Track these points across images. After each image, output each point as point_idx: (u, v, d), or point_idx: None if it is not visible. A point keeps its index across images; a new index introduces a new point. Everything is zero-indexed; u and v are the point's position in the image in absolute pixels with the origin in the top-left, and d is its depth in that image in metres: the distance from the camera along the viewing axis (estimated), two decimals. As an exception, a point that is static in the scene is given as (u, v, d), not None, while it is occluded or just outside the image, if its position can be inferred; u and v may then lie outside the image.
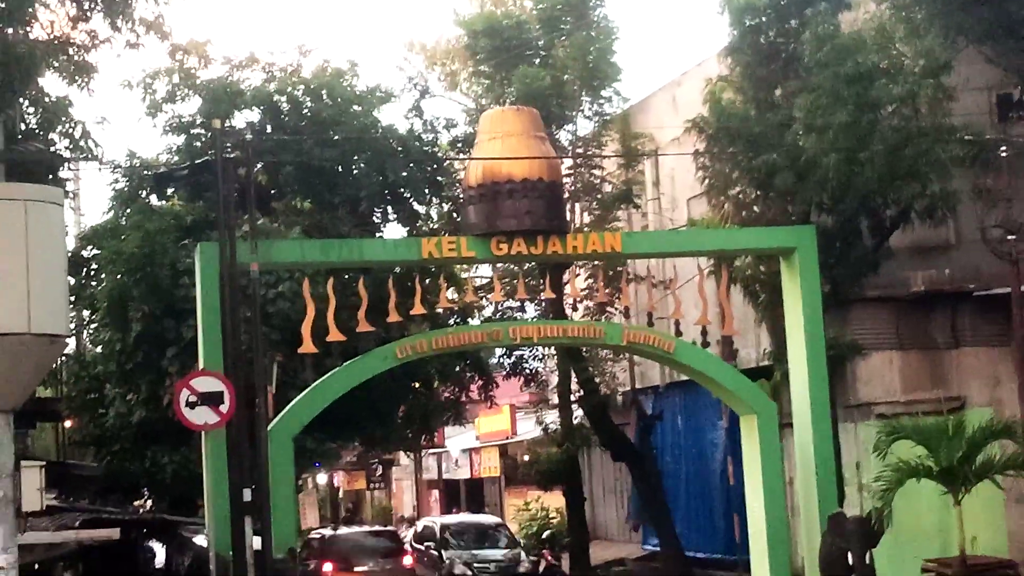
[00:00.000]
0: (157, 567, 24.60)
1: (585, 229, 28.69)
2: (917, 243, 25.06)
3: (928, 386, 25.22)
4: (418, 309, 22.24)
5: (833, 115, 21.74)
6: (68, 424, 32.18)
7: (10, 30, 14.32)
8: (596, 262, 28.03)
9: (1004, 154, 23.60)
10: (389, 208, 30.80)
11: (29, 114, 17.72)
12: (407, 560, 27.87)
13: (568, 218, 26.18)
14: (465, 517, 35.95)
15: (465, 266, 29.91)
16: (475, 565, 29.84)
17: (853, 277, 23.90)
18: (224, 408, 18.03)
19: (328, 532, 30.36)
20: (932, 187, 22.23)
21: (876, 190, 22.32)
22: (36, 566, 20.43)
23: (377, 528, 34.77)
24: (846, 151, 21.70)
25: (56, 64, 15.81)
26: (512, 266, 29.50)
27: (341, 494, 69.91)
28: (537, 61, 29.80)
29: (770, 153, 22.96)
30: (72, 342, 30.67)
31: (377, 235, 29.85)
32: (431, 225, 31.47)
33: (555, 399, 34.04)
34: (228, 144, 20.33)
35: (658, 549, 31.26)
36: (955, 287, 25.28)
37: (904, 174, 22.10)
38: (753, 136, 23.46)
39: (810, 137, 22.09)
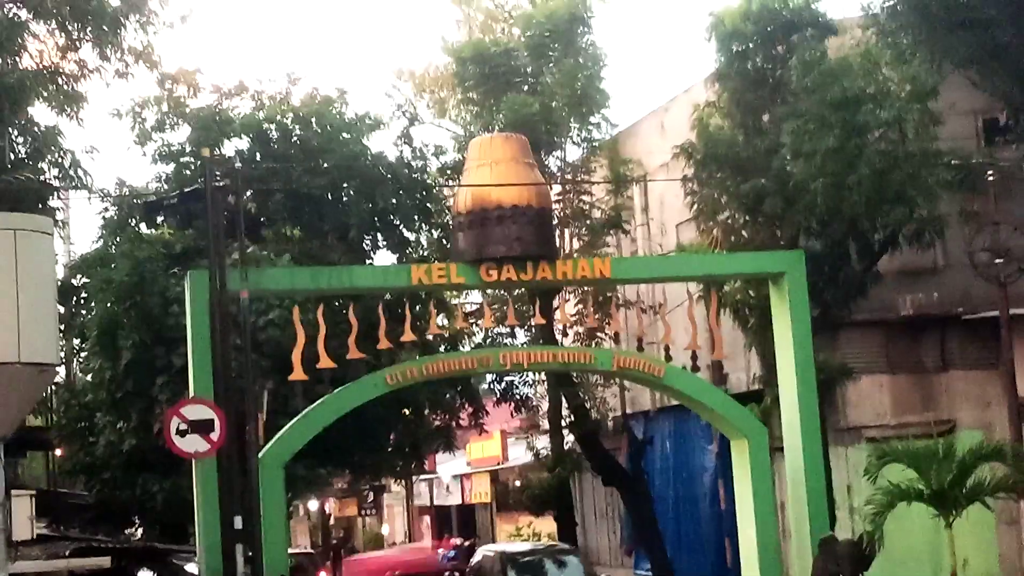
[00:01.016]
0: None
1: (574, 255, 28.74)
2: (905, 267, 25.15)
3: (918, 409, 25.30)
4: (408, 336, 22.24)
5: (820, 140, 21.83)
6: (58, 452, 32.11)
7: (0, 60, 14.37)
8: (586, 288, 28.08)
9: (991, 178, 23.74)
10: (379, 235, 30.84)
11: (19, 143, 17.77)
12: None
13: (557, 244, 26.22)
14: (531, 546, 29.86)
15: (455, 292, 29.95)
16: None
17: (842, 301, 23.96)
18: (215, 436, 18.02)
19: None
20: (920, 211, 22.31)
21: (864, 214, 22.39)
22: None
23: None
24: (834, 176, 21.78)
25: (45, 94, 15.86)
26: (502, 292, 29.52)
27: (332, 521, 69.79)
28: (525, 88, 29.87)
29: (758, 178, 23.04)
30: (62, 371, 30.67)
31: (367, 262, 29.88)
32: (421, 252, 31.50)
33: (546, 424, 34.06)
34: (217, 172, 20.38)
35: (650, 574, 31.22)
36: (943, 310, 25.38)
37: (892, 198, 22.17)
38: (741, 161, 23.54)
39: (798, 162, 22.18)
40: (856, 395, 25.28)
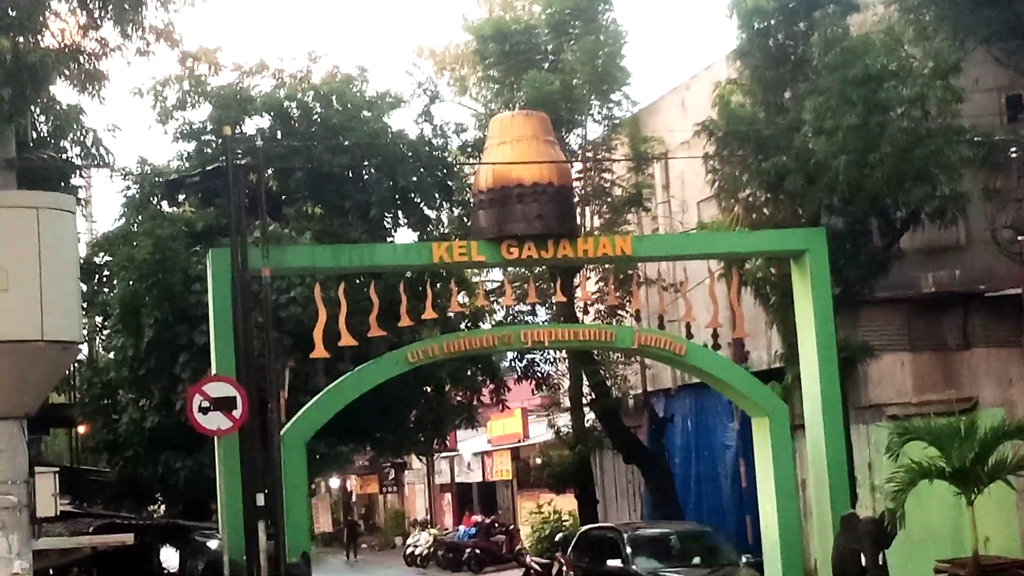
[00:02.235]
0: (171, 571, 24.64)
1: (595, 233, 28.72)
2: (927, 244, 25.06)
3: (940, 387, 25.23)
4: (429, 313, 22.29)
5: (842, 117, 21.75)
6: (81, 430, 32.28)
7: (21, 39, 14.38)
8: (607, 265, 28.06)
9: (1014, 155, 23.63)
10: (400, 213, 30.86)
11: (41, 122, 17.81)
12: None
13: (578, 222, 26.21)
14: (661, 526, 25.50)
15: (476, 270, 29.96)
16: None
17: (864, 279, 23.91)
18: (237, 413, 18.10)
19: None
20: (942, 188, 22.22)
21: (886, 192, 22.32)
22: (51, 571, 20.48)
23: None
24: (855, 153, 21.71)
25: (67, 72, 15.86)
26: (523, 270, 29.53)
27: (354, 498, 70.05)
28: (546, 66, 29.85)
29: (779, 156, 22.97)
30: (84, 348, 30.78)
31: (388, 240, 29.91)
32: (442, 230, 31.52)
33: (567, 402, 34.06)
34: (239, 150, 20.42)
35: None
36: (966, 288, 25.29)
37: (914, 176, 22.10)
38: (762, 139, 23.48)
39: (819, 139, 22.11)
40: (877, 373, 25.22)
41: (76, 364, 29.56)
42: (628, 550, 22.57)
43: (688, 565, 22.51)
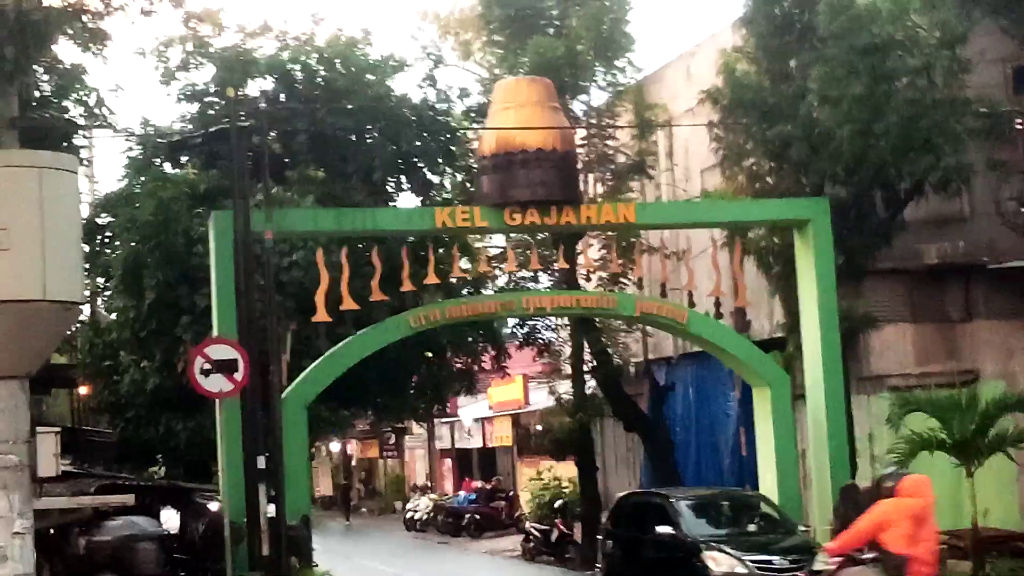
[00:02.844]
0: (171, 533, 24.71)
1: (598, 200, 28.67)
2: (931, 216, 25.00)
3: (941, 359, 25.23)
4: (432, 279, 22.29)
5: (847, 87, 21.68)
6: (83, 391, 32.32)
7: (24, -3, 14.32)
8: (609, 233, 28.02)
9: (1019, 126, 23.55)
10: (403, 177, 30.81)
11: (44, 81, 17.77)
12: None
13: (581, 189, 26.15)
14: (711, 492, 24.44)
15: (479, 236, 29.93)
16: (754, 567, 19.87)
17: (867, 249, 23.87)
18: (238, 376, 18.10)
19: None
20: (946, 159, 22.16)
21: (890, 162, 22.26)
22: (52, 531, 20.54)
23: None
24: (860, 123, 21.64)
25: (70, 31, 15.80)
26: (525, 236, 29.50)
27: (354, 462, 70.21)
28: (551, 31, 29.74)
29: (784, 124, 22.90)
30: (87, 309, 30.79)
31: (390, 204, 29.87)
32: (444, 195, 31.47)
33: (568, 369, 34.07)
34: (242, 113, 20.37)
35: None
36: (969, 260, 25.26)
37: (918, 146, 22.03)
38: (767, 107, 23.39)
39: (824, 109, 22.04)
40: (879, 344, 25.21)
41: (78, 325, 29.59)
42: (679, 516, 21.11)
43: (744, 532, 21.22)
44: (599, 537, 23.72)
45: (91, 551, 8.04)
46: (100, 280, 30.31)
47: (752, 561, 19.67)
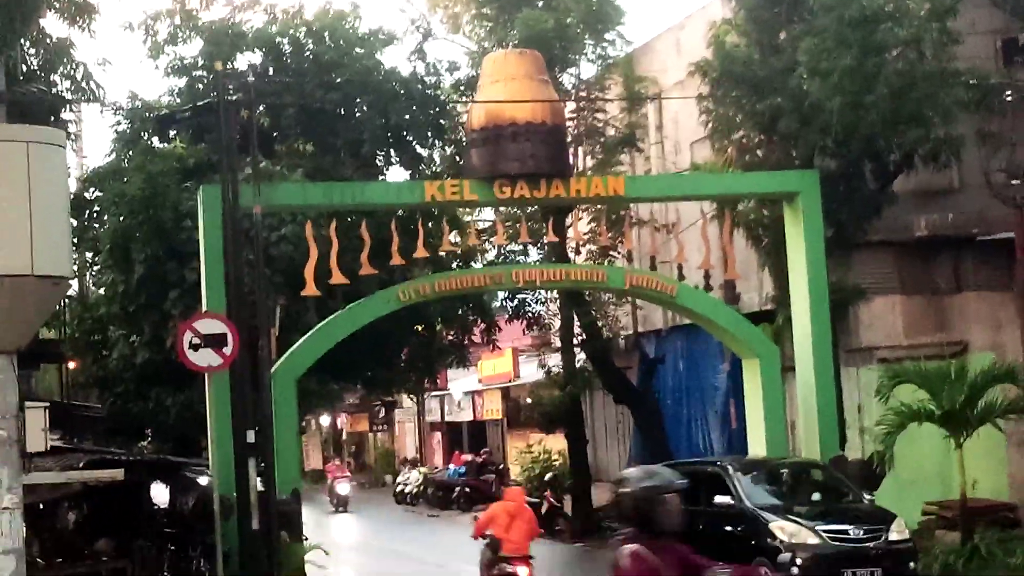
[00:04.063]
0: (161, 507, 24.70)
1: (588, 173, 28.64)
2: (921, 188, 25.00)
3: (931, 330, 25.27)
4: (421, 252, 22.27)
5: (837, 59, 21.64)
6: (72, 365, 32.28)
7: (10, -30, 14.24)
8: (599, 206, 28.01)
9: (1009, 99, 23.51)
10: (392, 151, 30.75)
11: (31, 55, 17.66)
12: None
13: (571, 162, 26.11)
14: (769, 459, 21.81)
15: (468, 209, 29.89)
16: (827, 537, 18.36)
17: (856, 221, 23.87)
18: (227, 350, 18.06)
19: None
20: (936, 131, 22.16)
21: (880, 134, 22.26)
22: (41, 506, 20.52)
23: None
24: (850, 95, 21.61)
25: (57, 5, 15.74)
26: (515, 209, 29.47)
27: (344, 436, 70.25)
28: (540, 4, 29.62)
29: (774, 97, 22.88)
30: (75, 284, 30.72)
31: (380, 178, 29.80)
32: (434, 168, 31.42)
33: (557, 342, 34.10)
34: (230, 86, 20.28)
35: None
36: (958, 232, 25.28)
37: (908, 118, 22.02)
38: (757, 80, 23.36)
39: (814, 81, 22.01)
40: (869, 315, 25.24)
41: (66, 300, 29.54)
42: (738, 486, 19.60)
43: (808, 502, 19.71)
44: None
45: (617, 503, 7.87)
46: (88, 255, 30.24)
47: (824, 530, 18.34)
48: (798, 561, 17.98)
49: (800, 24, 23.28)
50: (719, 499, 19.37)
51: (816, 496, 20.07)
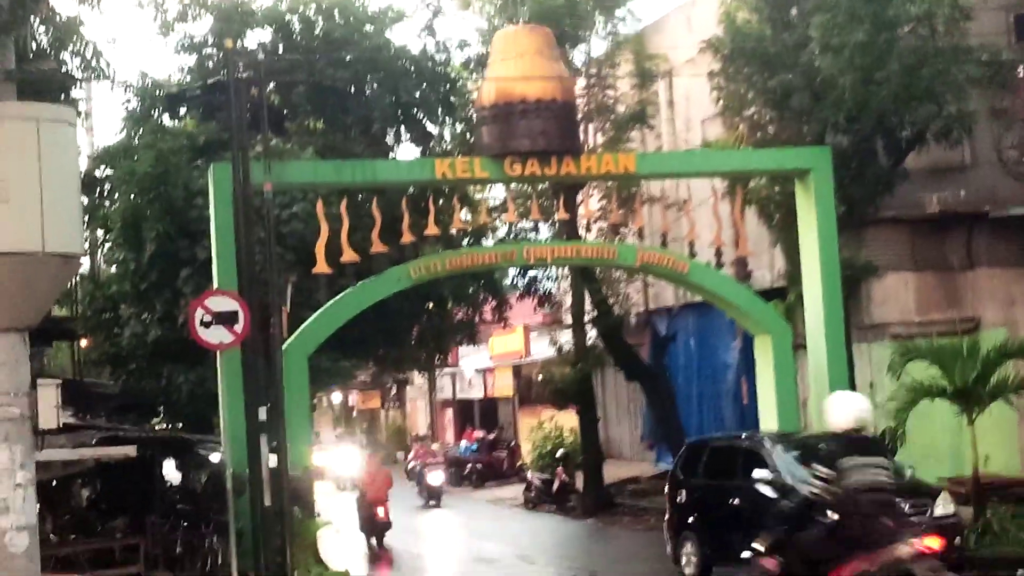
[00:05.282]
0: (173, 484, 24.77)
1: (599, 150, 28.60)
2: (933, 164, 24.94)
3: (943, 307, 25.24)
4: (432, 230, 22.26)
5: (849, 34, 21.58)
6: (84, 343, 32.31)
7: (20, -53, 14.20)
8: (610, 183, 27.98)
9: (1021, 75, 23.44)
10: (402, 128, 30.70)
11: (40, 33, 17.62)
12: None
13: (582, 139, 26.07)
14: (802, 433, 21.53)
15: (479, 187, 29.85)
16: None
17: (868, 198, 23.84)
18: (239, 327, 18.07)
19: None
20: (948, 108, 22.10)
21: (892, 110, 22.20)
22: (54, 483, 20.59)
23: None
24: (862, 71, 21.55)
25: (67, -18, 15.73)
26: (526, 187, 29.45)
27: (355, 413, 70.38)
28: (551, -21, 29.54)
29: (785, 73, 22.83)
30: (86, 262, 30.74)
31: (390, 156, 29.78)
32: (444, 146, 31.37)
33: (569, 319, 34.11)
34: (240, 64, 20.25)
35: (671, 467, 31.42)
36: (970, 208, 25.22)
37: (920, 95, 21.97)
38: (768, 56, 23.30)
39: (826, 57, 21.94)
40: (881, 292, 25.21)
41: (78, 278, 29.54)
42: (776, 460, 18.86)
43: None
44: (666, 489, 21.56)
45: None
46: (99, 233, 30.24)
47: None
48: None
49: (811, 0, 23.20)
50: (757, 473, 18.38)
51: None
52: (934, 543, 10.81)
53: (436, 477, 37.15)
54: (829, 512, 10.98)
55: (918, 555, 10.51)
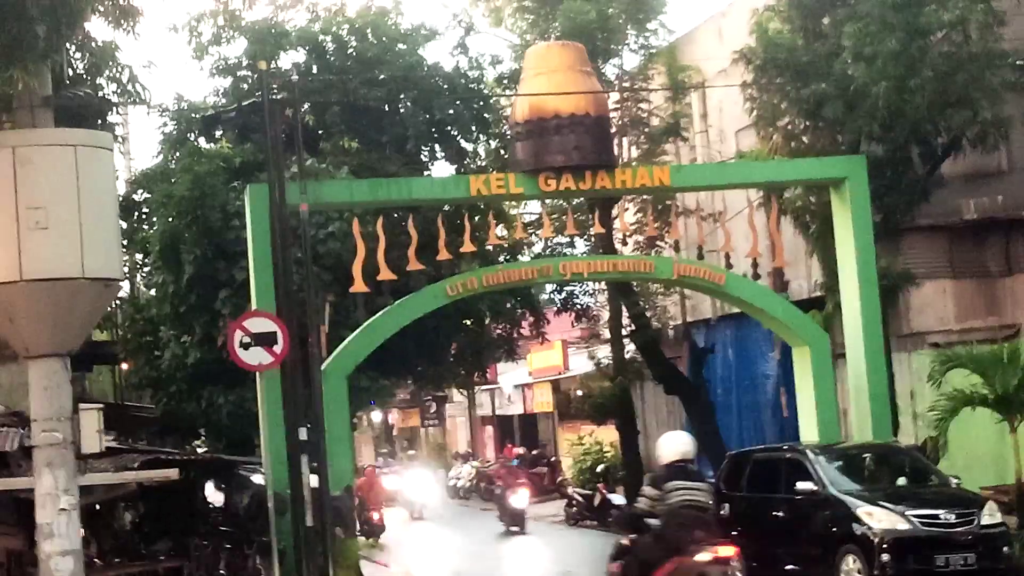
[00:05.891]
0: (216, 506, 24.85)
1: (633, 163, 28.58)
2: (969, 170, 24.83)
3: (982, 314, 25.10)
4: (468, 247, 22.30)
5: (882, 43, 21.51)
6: (125, 367, 32.48)
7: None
8: (645, 196, 27.96)
9: (1057, 78, 23.32)
10: (436, 146, 30.80)
11: (76, 59, 17.76)
12: None
13: (616, 152, 26.06)
14: (847, 444, 21.57)
15: (514, 203, 29.88)
16: (918, 522, 17.49)
17: (905, 206, 23.73)
18: (278, 348, 18.13)
19: None
20: (983, 113, 21.99)
21: (926, 118, 22.11)
22: (97, 507, 20.68)
23: None
24: (895, 79, 21.47)
25: (102, 8, 15.82)
26: (561, 202, 29.44)
27: (396, 432, 70.41)
28: (581, -5, 29.57)
29: (818, 83, 22.76)
30: (126, 286, 30.93)
31: (425, 174, 29.85)
32: (479, 162, 31.43)
33: (606, 334, 34.06)
34: (275, 85, 20.37)
35: (712, 481, 31.27)
36: (1008, 214, 25.09)
37: (955, 101, 21.88)
38: (801, 66, 23.24)
39: (859, 66, 21.87)
40: (919, 300, 25.09)
41: (118, 301, 29.73)
42: (821, 471, 18.73)
43: (894, 487, 18.91)
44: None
45: None
46: (138, 256, 30.44)
47: (915, 515, 17.43)
48: (888, 548, 17.16)
49: (843, 8, 23.15)
50: (801, 485, 18.47)
51: (901, 481, 19.20)
52: (728, 551, 12.55)
53: (520, 499, 32.43)
54: (654, 522, 12.95)
55: (713, 560, 12.35)
